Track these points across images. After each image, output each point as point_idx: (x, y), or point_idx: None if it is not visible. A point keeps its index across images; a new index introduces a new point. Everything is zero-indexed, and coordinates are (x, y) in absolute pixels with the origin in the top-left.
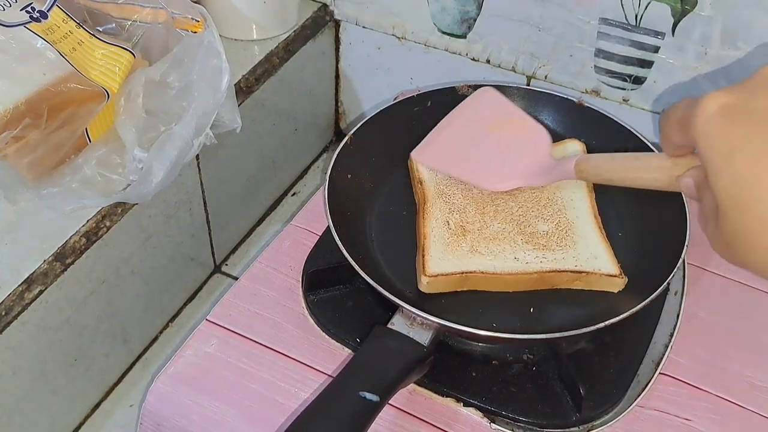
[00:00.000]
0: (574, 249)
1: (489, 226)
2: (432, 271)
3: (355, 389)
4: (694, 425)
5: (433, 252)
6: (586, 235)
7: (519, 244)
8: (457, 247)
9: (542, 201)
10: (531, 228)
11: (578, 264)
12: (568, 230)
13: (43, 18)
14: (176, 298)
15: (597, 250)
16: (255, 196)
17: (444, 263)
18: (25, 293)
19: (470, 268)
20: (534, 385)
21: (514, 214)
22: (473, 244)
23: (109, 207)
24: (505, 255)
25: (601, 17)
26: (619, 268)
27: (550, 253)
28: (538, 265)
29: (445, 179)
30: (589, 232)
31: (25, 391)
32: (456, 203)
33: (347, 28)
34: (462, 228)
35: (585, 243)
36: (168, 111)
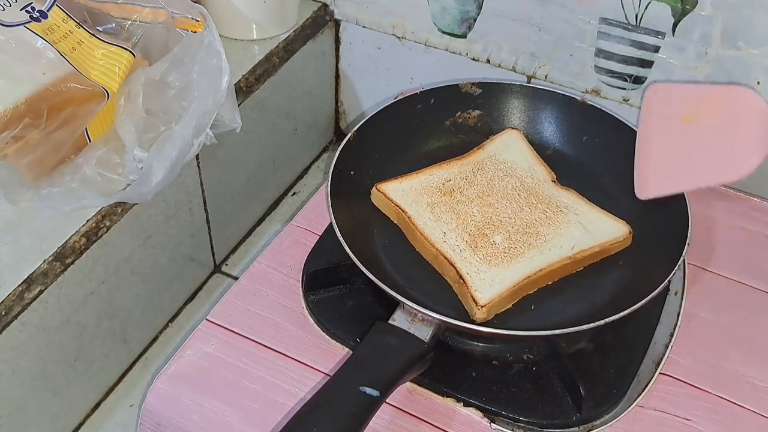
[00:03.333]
0: (577, 225)
1: (492, 237)
2: (485, 299)
3: (356, 384)
4: (694, 425)
5: (471, 275)
6: (573, 205)
7: (527, 240)
8: (490, 264)
9: (508, 192)
10: (524, 222)
11: (591, 238)
12: (555, 209)
13: (43, 18)
14: (176, 298)
15: (594, 217)
16: (255, 196)
17: (490, 285)
18: (25, 293)
19: (518, 277)
20: (534, 385)
21: (498, 217)
22: (498, 255)
23: (109, 207)
24: (532, 254)
25: (601, 17)
26: (625, 225)
27: (558, 237)
28: (560, 252)
29: (413, 201)
30: (571, 203)
31: (25, 391)
32: (445, 218)
33: (347, 28)
34: (475, 243)
35: (578, 213)
36: (168, 111)
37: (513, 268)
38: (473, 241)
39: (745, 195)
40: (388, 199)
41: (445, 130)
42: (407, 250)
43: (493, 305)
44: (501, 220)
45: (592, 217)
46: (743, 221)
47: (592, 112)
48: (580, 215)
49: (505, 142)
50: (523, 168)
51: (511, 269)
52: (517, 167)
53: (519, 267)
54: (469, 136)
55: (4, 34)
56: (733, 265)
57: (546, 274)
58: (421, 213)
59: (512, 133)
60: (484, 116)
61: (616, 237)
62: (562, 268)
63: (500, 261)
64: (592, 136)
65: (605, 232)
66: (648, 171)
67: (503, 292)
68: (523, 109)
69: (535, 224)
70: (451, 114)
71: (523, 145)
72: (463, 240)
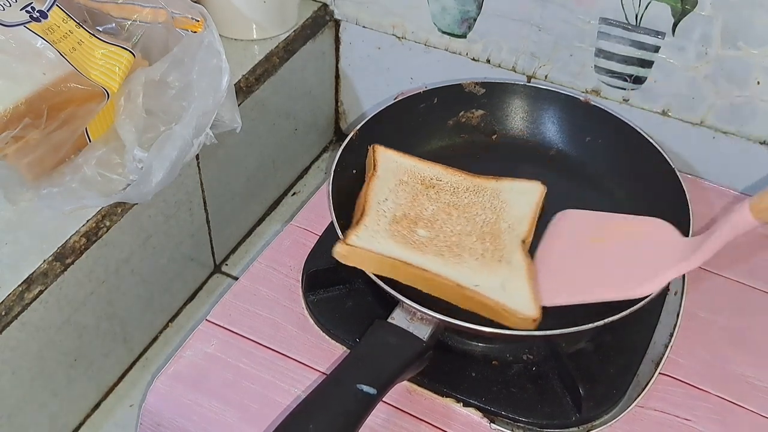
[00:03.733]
0: (499, 277)
1: (419, 230)
2: (352, 242)
3: (353, 381)
4: (694, 425)
5: (368, 223)
6: (516, 266)
7: (444, 250)
8: (393, 231)
9: (474, 218)
10: (458, 242)
11: (491, 293)
12: (496, 255)
13: (43, 18)
14: (176, 298)
15: (520, 288)
16: (255, 196)
17: (369, 240)
18: (25, 293)
19: (393, 254)
20: (534, 385)
21: (443, 224)
22: (406, 234)
23: (109, 207)
24: (435, 257)
25: (601, 17)
26: (536, 312)
27: (472, 270)
28: (459, 275)
29: (395, 169)
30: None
31: (25, 391)
32: (400, 192)
33: (347, 28)
34: (404, 216)
35: (512, 272)
36: (168, 111)
37: (402, 247)
38: (400, 220)
39: (745, 195)
40: (375, 156)
41: (448, 130)
42: None
43: (355, 253)
44: (442, 226)
45: (518, 285)
46: None
47: (595, 113)
48: (512, 273)
49: (524, 188)
50: (511, 215)
51: (400, 247)
52: (507, 211)
53: (408, 251)
54: (472, 135)
55: (4, 34)
56: (733, 265)
57: (427, 279)
58: (389, 179)
59: (536, 186)
60: (487, 116)
61: (520, 311)
62: (446, 287)
63: (401, 240)
64: (595, 136)
65: (516, 302)
66: (548, 279)
67: (372, 252)
68: (527, 109)
69: (466, 249)
70: (454, 114)
71: (534, 201)
72: (392, 212)
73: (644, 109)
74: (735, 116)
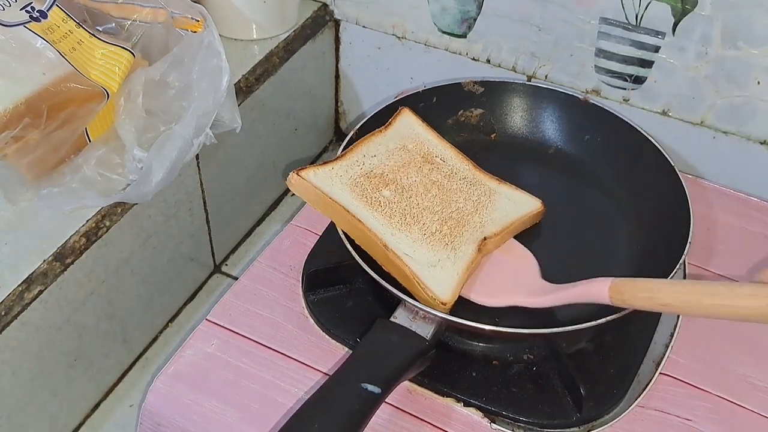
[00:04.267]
0: (433, 253)
1: (403, 193)
2: (304, 174)
3: (357, 381)
4: (694, 425)
5: (336, 167)
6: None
7: (401, 216)
8: (357, 182)
9: (462, 209)
10: (427, 215)
11: (413, 263)
12: (448, 238)
13: (42, 18)
14: (176, 298)
15: (445, 269)
16: (255, 196)
17: (324, 180)
18: (25, 293)
19: (333, 195)
20: (534, 385)
21: (432, 199)
22: (368, 189)
23: (109, 207)
24: (379, 214)
25: (601, 17)
26: (452, 300)
27: (406, 237)
28: (386, 236)
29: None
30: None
31: (25, 391)
32: (399, 161)
33: (347, 28)
34: (379, 175)
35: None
36: (168, 111)
37: (353, 198)
38: (372, 177)
39: (745, 195)
40: (396, 116)
41: (448, 129)
42: None
43: (303, 186)
44: (411, 197)
45: (449, 270)
46: (743, 221)
47: (594, 111)
48: (450, 258)
49: (520, 199)
50: (491, 215)
51: (351, 196)
52: (489, 210)
53: (356, 202)
54: (471, 134)
55: (4, 34)
56: (733, 265)
57: (359, 230)
58: (393, 140)
59: (533, 202)
60: (486, 115)
61: (432, 290)
62: (375, 245)
63: (358, 192)
64: (594, 134)
65: (434, 280)
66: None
67: (319, 190)
68: (526, 108)
69: (419, 223)
70: (454, 113)
71: (522, 212)
72: (370, 168)
73: (644, 109)
74: (735, 116)
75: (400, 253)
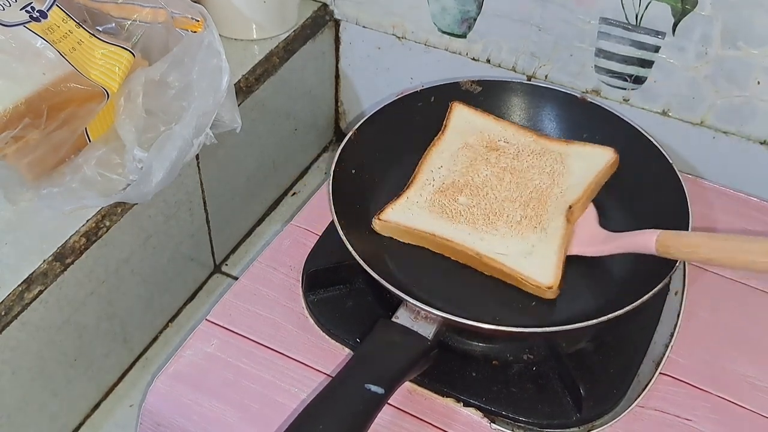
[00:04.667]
0: (525, 241)
1: (478, 195)
2: (384, 216)
3: (361, 381)
4: (694, 425)
5: (410, 195)
6: (546, 237)
7: (484, 217)
8: (433, 201)
9: (540, 185)
10: (508, 205)
11: (510, 260)
12: (535, 220)
13: (42, 18)
14: (176, 298)
15: (541, 253)
16: (255, 196)
17: (403, 213)
18: (25, 293)
19: (422, 226)
20: (534, 385)
21: (506, 191)
22: (446, 203)
23: (109, 207)
24: (464, 224)
25: (601, 17)
26: (556, 281)
27: (494, 236)
28: (476, 244)
29: (476, 136)
30: (551, 237)
31: (25, 391)
32: (466, 161)
33: (347, 28)
34: (451, 185)
35: (534, 242)
36: (168, 111)
37: (435, 218)
38: (446, 189)
39: (745, 195)
40: (449, 116)
41: None
42: (409, 248)
43: (388, 227)
44: (488, 193)
45: (545, 253)
46: (743, 221)
47: (592, 110)
48: (543, 241)
49: (591, 153)
50: (568, 181)
51: (433, 217)
52: (565, 177)
53: (439, 222)
54: None
55: (4, 34)
56: None
57: (451, 248)
58: (454, 142)
59: (605, 152)
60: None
61: (535, 279)
62: (469, 256)
63: (438, 210)
64: (592, 133)
65: (534, 269)
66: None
67: (402, 225)
68: (524, 107)
69: (503, 216)
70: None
71: (596, 166)
72: (441, 181)
73: (644, 109)
74: (735, 116)
75: (493, 255)
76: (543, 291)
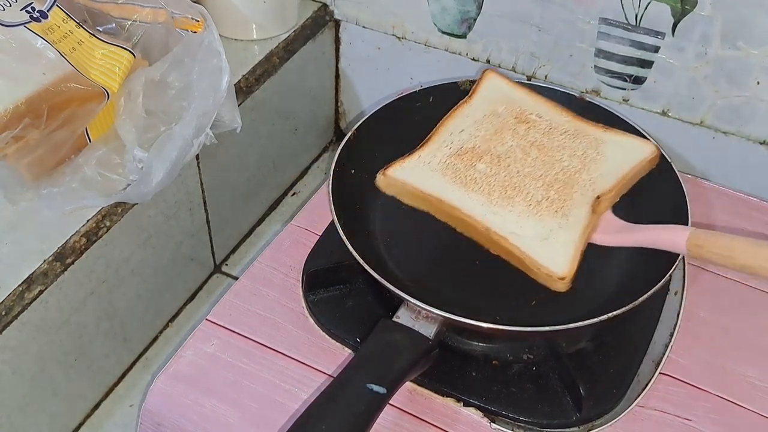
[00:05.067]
0: (542, 224)
1: (498, 165)
2: (391, 172)
3: (362, 381)
4: (694, 425)
5: (423, 154)
6: (567, 224)
7: (501, 189)
8: (448, 164)
9: (569, 168)
10: (530, 182)
11: (522, 242)
12: (557, 204)
13: (43, 18)
14: (176, 298)
15: (558, 240)
16: (255, 196)
17: (412, 172)
18: (25, 293)
19: (430, 189)
20: (534, 385)
21: (531, 167)
22: (461, 168)
23: (109, 207)
24: (478, 194)
25: (601, 17)
26: (570, 272)
27: (511, 213)
28: (487, 217)
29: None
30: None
31: (25, 391)
32: (490, 128)
33: (347, 28)
34: (471, 149)
35: (553, 228)
36: (168, 111)
37: (447, 182)
38: (464, 153)
39: (745, 195)
40: (480, 82)
41: None
42: (409, 247)
43: (393, 184)
44: (510, 165)
45: (563, 240)
46: (743, 221)
47: (592, 110)
48: (563, 227)
49: (631, 145)
50: (600, 169)
51: (445, 181)
52: (598, 164)
53: (450, 186)
54: None
55: (4, 34)
56: None
57: (458, 218)
58: (481, 108)
59: (646, 147)
60: None
61: (547, 267)
62: (476, 230)
63: (451, 174)
64: None
65: (548, 256)
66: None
67: (408, 184)
68: None
69: (523, 192)
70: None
71: (634, 160)
72: (461, 144)
73: (644, 109)
74: (735, 116)
75: (504, 233)
76: (554, 281)
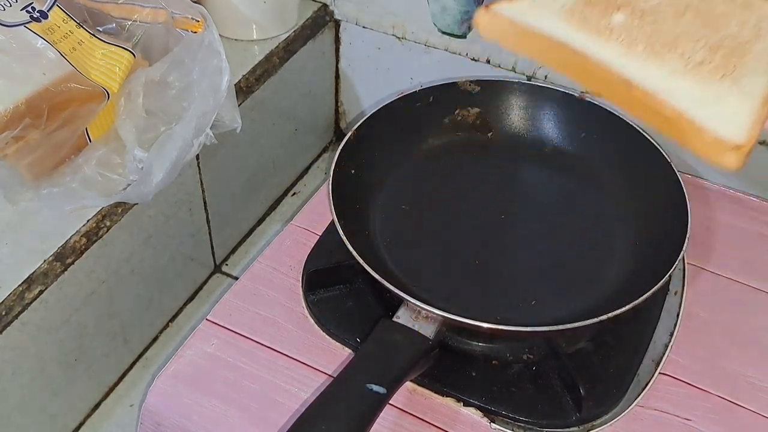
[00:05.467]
0: (705, 87)
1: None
2: (496, 8)
3: (362, 381)
4: (694, 425)
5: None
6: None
7: (645, 42)
8: (574, 10)
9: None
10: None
11: (677, 98)
12: (723, 69)
13: (43, 18)
14: (176, 298)
15: (728, 106)
16: (255, 196)
17: (526, 12)
18: (25, 293)
19: (548, 32)
20: (534, 384)
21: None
22: (591, 17)
23: (109, 207)
24: (616, 46)
25: None
26: (749, 142)
27: (658, 69)
28: (628, 69)
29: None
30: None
31: (25, 391)
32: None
33: (347, 28)
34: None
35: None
36: (168, 111)
37: (570, 27)
38: (598, 2)
39: (745, 195)
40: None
41: (445, 128)
42: (409, 247)
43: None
44: (656, 20)
45: (736, 107)
46: (743, 221)
47: (590, 109)
48: (733, 94)
49: None
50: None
51: (567, 26)
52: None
53: (575, 32)
54: (469, 133)
55: (4, 34)
56: (733, 265)
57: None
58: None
59: None
60: (483, 114)
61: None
62: (609, 82)
63: (577, 20)
64: (590, 132)
65: (716, 119)
66: None
67: (519, 24)
68: (522, 106)
69: (677, 51)
70: (451, 112)
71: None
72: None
73: None
74: None
75: (653, 88)
76: (722, 152)
